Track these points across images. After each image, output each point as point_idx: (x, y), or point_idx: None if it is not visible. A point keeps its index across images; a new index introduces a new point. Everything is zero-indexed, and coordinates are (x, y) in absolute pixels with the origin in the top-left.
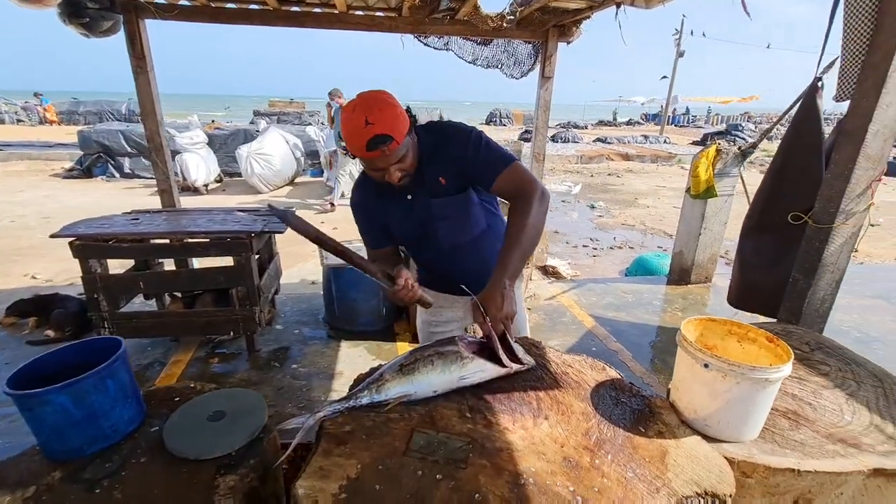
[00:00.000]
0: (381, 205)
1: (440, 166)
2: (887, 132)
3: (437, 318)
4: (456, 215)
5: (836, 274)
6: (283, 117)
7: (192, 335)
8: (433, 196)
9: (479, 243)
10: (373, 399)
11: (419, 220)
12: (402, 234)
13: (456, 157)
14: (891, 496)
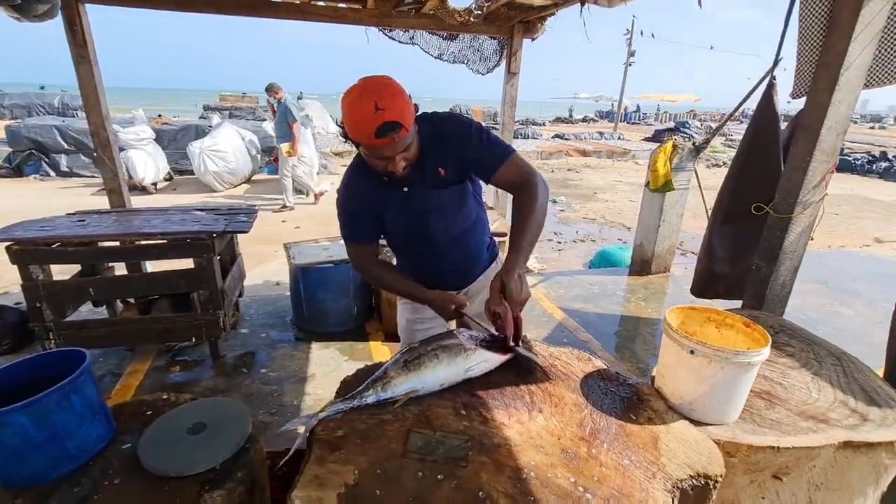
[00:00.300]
0: (378, 196)
1: (440, 157)
2: (839, 127)
3: (420, 317)
4: (453, 206)
5: (795, 261)
6: (235, 112)
7: (150, 343)
8: (433, 187)
9: (469, 235)
10: (379, 397)
11: (416, 211)
12: (397, 228)
13: (457, 149)
14: (857, 466)
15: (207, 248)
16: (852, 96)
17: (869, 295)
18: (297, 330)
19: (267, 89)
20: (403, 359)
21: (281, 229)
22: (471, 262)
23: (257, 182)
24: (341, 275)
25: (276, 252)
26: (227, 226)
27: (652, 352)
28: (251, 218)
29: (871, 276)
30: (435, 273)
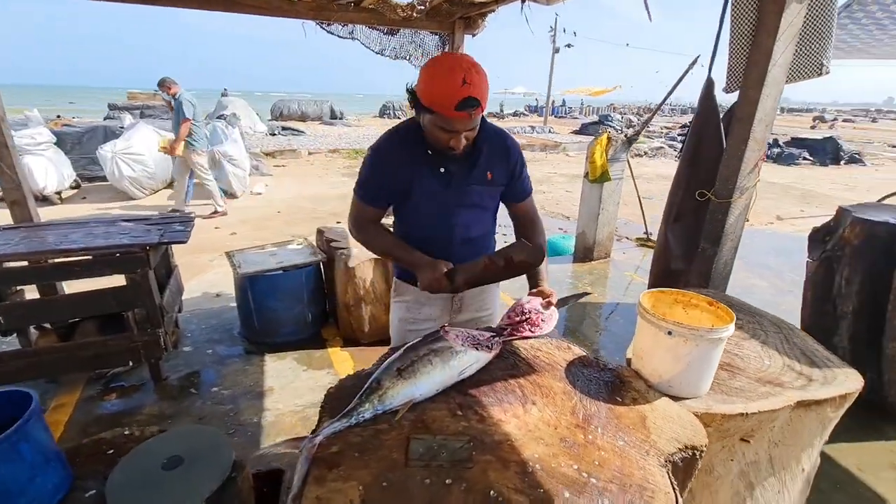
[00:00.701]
0: (413, 170)
1: (494, 162)
2: (768, 119)
3: (414, 316)
4: (481, 207)
5: (734, 241)
6: (147, 111)
7: (78, 372)
8: (474, 183)
9: (481, 243)
10: (377, 410)
11: (447, 198)
12: (419, 208)
13: (510, 165)
14: (807, 422)
15: (141, 263)
16: (777, 90)
17: (777, 267)
18: (247, 343)
19: (159, 84)
20: (396, 367)
21: (215, 237)
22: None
23: None
24: (293, 281)
25: (211, 261)
26: (161, 237)
27: (601, 333)
28: (188, 227)
29: (777, 250)
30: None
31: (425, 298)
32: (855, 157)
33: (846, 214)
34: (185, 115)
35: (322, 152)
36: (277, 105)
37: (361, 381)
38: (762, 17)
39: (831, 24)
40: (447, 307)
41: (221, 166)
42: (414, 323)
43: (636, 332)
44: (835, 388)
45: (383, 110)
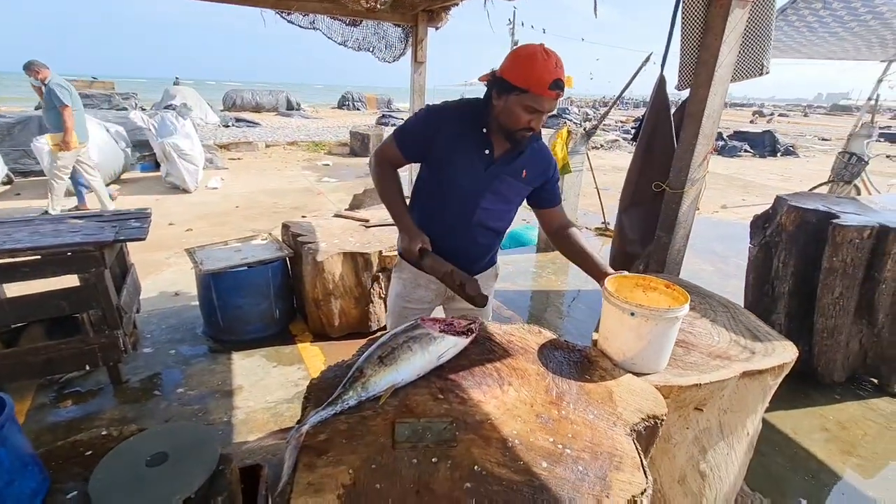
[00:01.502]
0: (463, 142)
1: (531, 162)
2: (715, 115)
3: (410, 295)
4: (506, 199)
5: (686, 229)
6: (84, 100)
7: (28, 379)
8: (510, 175)
9: (496, 236)
10: (360, 397)
11: (483, 181)
12: (451, 180)
13: (544, 171)
14: (751, 389)
15: (96, 262)
16: (724, 89)
17: (722, 253)
18: (211, 341)
19: (25, 68)
20: (377, 355)
21: (169, 234)
22: (476, 258)
23: (129, 181)
24: (259, 277)
25: (167, 259)
26: (117, 234)
27: (564, 318)
28: (145, 223)
29: (722, 237)
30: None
31: (424, 281)
32: (790, 149)
33: (782, 203)
34: (64, 102)
35: (280, 145)
36: (230, 95)
37: (343, 371)
38: (709, 20)
39: (770, 28)
40: (441, 293)
41: (172, 160)
42: (410, 302)
43: (602, 314)
44: (774, 359)
45: (342, 101)
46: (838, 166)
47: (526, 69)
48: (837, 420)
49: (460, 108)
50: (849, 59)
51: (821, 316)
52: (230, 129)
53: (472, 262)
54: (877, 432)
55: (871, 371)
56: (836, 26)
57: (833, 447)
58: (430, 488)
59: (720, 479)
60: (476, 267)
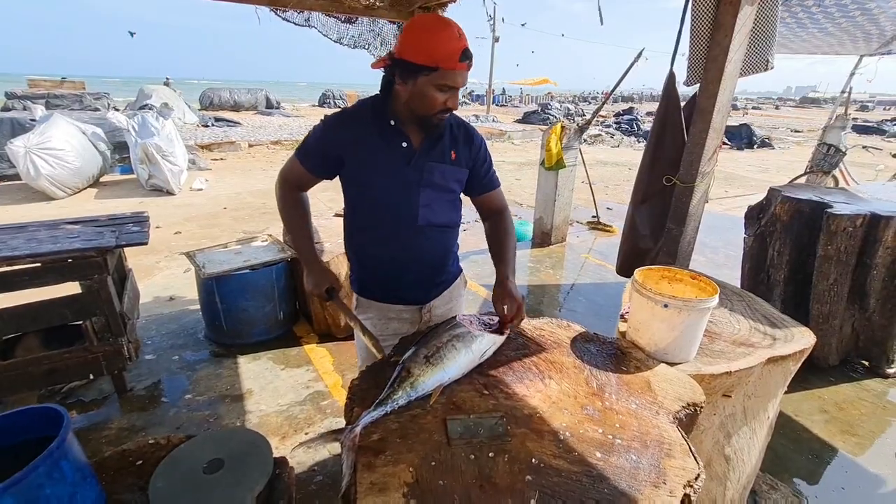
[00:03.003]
0: (371, 143)
1: (457, 144)
2: (725, 110)
3: (383, 333)
4: (445, 189)
5: (697, 221)
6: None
7: (29, 390)
8: (437, 161)
9: (451, 234)
10: (410, 396)
11: (411, 176)
12: (376, 189)
13: (473, 144)
14: (774, 375)
15: (99, 268)
16: (733, 84)
17: (711, 244)
18: (215, 346)
19: None
20: (422, 354)
21: (157, 237)
22: (437, 266)
23: (108, 184)
24: (263, 279)
25: (158, 263)
26: (118, 239)
27: (563, 312)
28: (144, 226)
29: (710, 228)
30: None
31: (394, 313)
32: (765, 141)
33: (776, 194)
34: None
35: (264, 144)
36: (207, 94)
37: (382, 372)
38: (719, 17)
39: (775, 24)
40: (416, 320)
41: (156, 162)
42: (384, 339)
43: (631, 306)
44: (796, 345)
45: (323, 99)
46: (817, 157)
47: (430, 45)
48: (834, 401)
49: (359, 108)
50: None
51: (816, 302)
52: (210, 128)
53: (435, 272)
54: (871, 411)
55: (863, 354)
56: (825, 21)
57: (833, 427)
58: (492, 482)
59: (743, 462)
60: (440, 276)
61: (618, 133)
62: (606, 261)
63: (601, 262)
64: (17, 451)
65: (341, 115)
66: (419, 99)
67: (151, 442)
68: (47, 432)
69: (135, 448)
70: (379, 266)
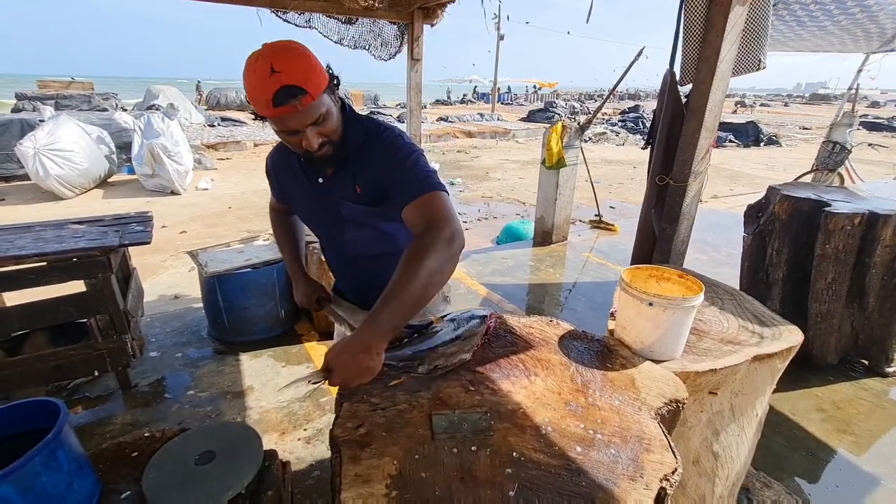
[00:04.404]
0: (292, 182)
1: (360, 170)
2: (717, 109)
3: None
4: (361, 223)
5: (690, 221)
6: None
7: (36, 386)
8: (344, 198)
9: (387, 261)
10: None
11: (328, 211)
12: (308, 221)
13: (378, 167)
14: (761, 372)
15: (102, 267)
16: (725, 83)
17: (714, 242)
18: (217, 343)
19: None
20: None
21: (163, 236)
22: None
23: (115, 184)
24: (264, 278)
25: (164, 262)
26: (121, 238)
27: (564, 310)
28: (148, 226)
29: (714, 226)
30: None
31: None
32: (772, 139)
33: (775, 192)
34: None
35: (269, 143)
36: (213, 94)
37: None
38: (711, 18)
39: (767, 24)
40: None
41: (161, 162)
42: None
43: (618, 305)
44: (783, 343)
45: None
46: (822, 155)
47: (247, 90)
48: (832, 400)
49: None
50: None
51: (814, 301)
52: (216, 128)
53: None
54: (869, 410)
55: (862, 353)
56: (824, 19)
57: (829, 426)
58: (473, 475)
59: (732, 458)
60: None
61: (623, 131)
62: (608, 259)
63: (602, 261)
64: (16, 442)
65: (274, 153)
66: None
67: (147, 435)
68: (43, 424)
69: (131, 440)
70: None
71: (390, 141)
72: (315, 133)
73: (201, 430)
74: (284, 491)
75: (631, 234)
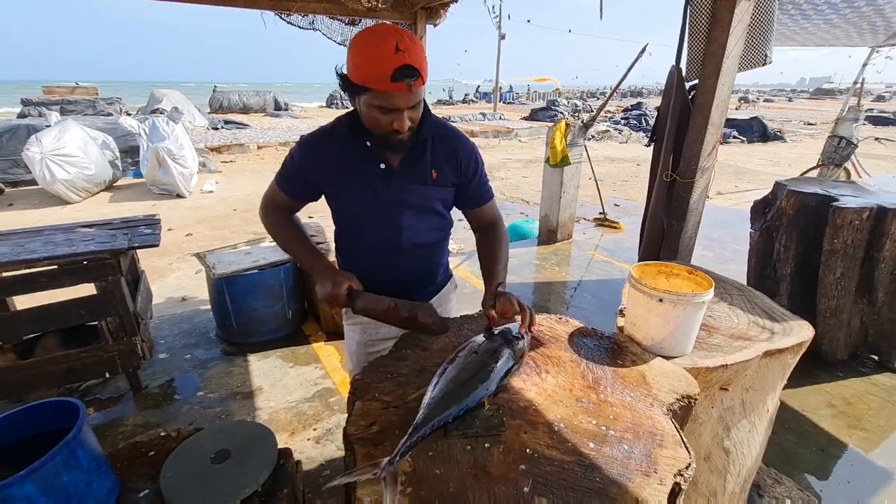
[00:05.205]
0: (349, 166)
1: (438, 160)
2: (723, 105)
3: (372, 338)
4: (428, 210)
5: (697, 217)
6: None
7: (49, 388)
8: (417, 182)
9: (438, 250)
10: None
11: (392, 199)
12: (358, 211)
13: (460, 159)
14: (772, 368)
15: (112, 269)
16: (731, 79)
17: (720, 238)
18: (225, 344)
19: None
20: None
21: (169, 239)
22: (424, 282)
23: (122, 188)
24: (272, 279)
25: (170, 265)
26: (130, 241)
27: (569, 308)
28: (156, 229)
29: (719, 223)
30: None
31: None
32: (777, 134)
33: (782, 188)
34: None
35: (272, 145)
36: (217, 97)
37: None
38: (716, 13)
39: (773, 19)
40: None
41: (166, 165)
42: (373, 345)
43: (628, 302)
44: (793, 338)
45: (330, 100)
46: (828, 150)
47: (361, 61)
48: (842, 396)
49: (335, 127)
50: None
51: (823, 296)
52: (220, 131)
53: (424, 285)
54: (880, 406)
55: (872, 348)
56: (830, 13)
57: (840, 422)
58: (487, 471)
59: (743, 455)
60: (429, 290)
61: (626, 129)
62: (613, 257)
63: (608, 259)
64: (33, 443)
65: (316, 138)
66: (367, 119)
67: (162, 434)
68: (62, 425)
69: (147, 440)
70: (367, 280)
71: (465, 142)
72: (408, 116)
73: (216, 429)
74: (298, 490)
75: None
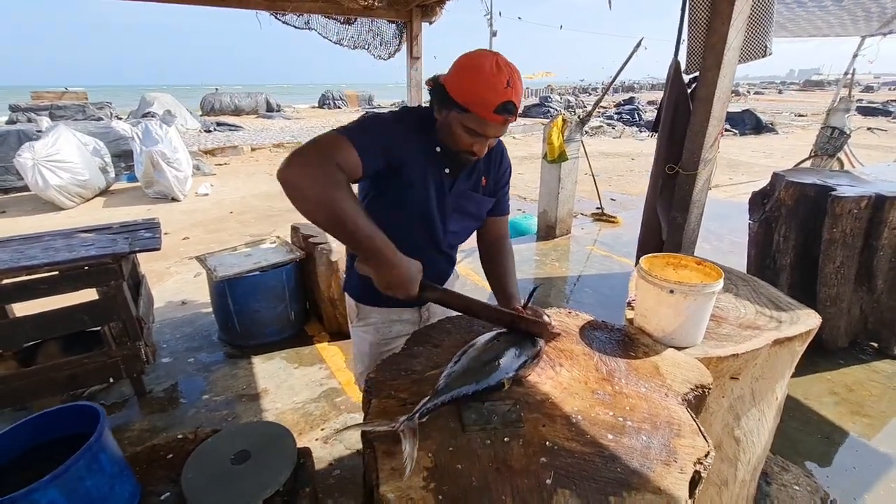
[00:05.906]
0: (423, 161)
1: (488, 169)
2: (725, 97)
3: (385, 337)
4: (474, 217)
5: (700, 209)
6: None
7: (53, 395)
8: (473, 189)
9: (453, 255)
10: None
11: (449, 203)
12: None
13: (502, 169)
14: (781, 356)
15: (114, 274)
16: (732, 71)
17: (716, 231)
18: (229, 347)
19: None
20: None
21: (165, 243)
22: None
23: (116, 192)
24: (274, 280)
25: (168, 268)
26: (131, 245)
27: (570, 303)
28: (156, 233)
29: (716, 215)
30: None
31: (396, 316)
32: (769, 126)
33: (780, 179)
34: None
35: (266, 147)
36: (208, 99)
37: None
38: (716, 5)
39: (772, 10)
40: (416, 320)
41: (161, 169)
42: (387, 344)
43: (638, 294)
44: (801, 326)
45: (322, 100)
46: (821, 140)
47: (470, 84)
48: (844, 383)
49: (416, 121)
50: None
51: (823, 285)
52: (212, 133)
53: (440, 282)
54: (881, 392)
55: (872, 335)
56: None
57: (843, 409)
58: (508, 465)
59: (753, 443)
60: (443, 282)
61: (619, 124)
62: (612, 251)
63: (607, 253)
64: (50, 448)
65: (401, 122)
66: (447, 132)
67: (180, 437)
68: (80, 429)
69: (164, 443)
70: None
71: (508, 157)
72: (488, 143)
73: (234, 430)
74: (317, 489)
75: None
